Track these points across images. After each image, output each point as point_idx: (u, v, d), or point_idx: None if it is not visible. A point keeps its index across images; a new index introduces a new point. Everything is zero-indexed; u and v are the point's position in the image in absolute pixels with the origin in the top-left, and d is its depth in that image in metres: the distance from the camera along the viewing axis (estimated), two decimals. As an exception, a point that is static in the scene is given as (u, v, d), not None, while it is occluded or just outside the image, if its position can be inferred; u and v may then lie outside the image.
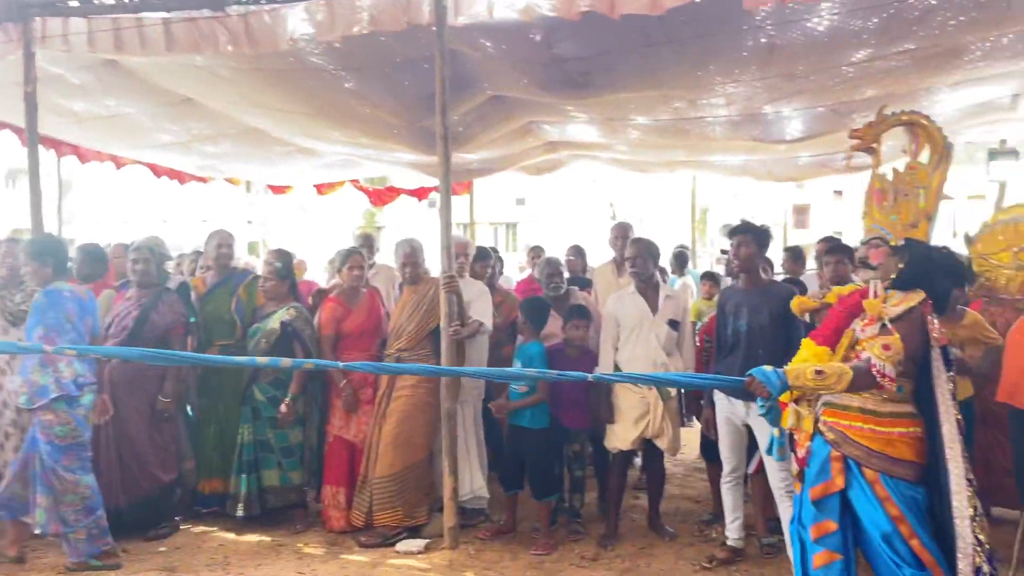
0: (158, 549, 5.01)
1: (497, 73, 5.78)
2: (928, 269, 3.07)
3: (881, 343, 2.92)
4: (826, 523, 3.06)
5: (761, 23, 4.90)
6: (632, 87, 5.86)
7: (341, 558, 4.84)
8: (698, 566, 4.60)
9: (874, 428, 3.01)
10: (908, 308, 3.05)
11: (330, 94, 6.27)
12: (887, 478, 2.97)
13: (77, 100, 6.64)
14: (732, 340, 4.62)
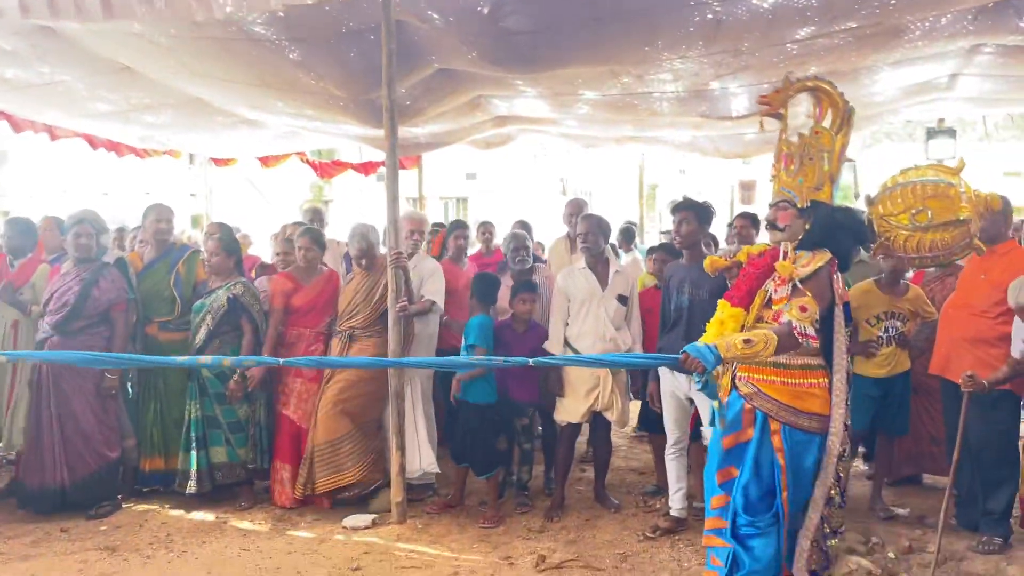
0: (99, 528, 4.99)
1: (445, 46, 5.73)
2: (832, 229, 3.23)
3: (798, 305, 3.03)
4: (730, 469, 3.28)
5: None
6: (580, 61, 5.87)
7: (287, 534, 4.86)
8: (642, 536, 4.70)
9: (785, 380, 3.18)
10: (816, 268, 3.17)
11: (274, 65, 6.16)
12: (787, 429, 3.15)
13: (9, 67, 6.41)
14: (675, 316, 4.70)
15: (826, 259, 3.19)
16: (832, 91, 3.28)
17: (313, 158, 10.72)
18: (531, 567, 4.27)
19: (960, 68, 6.57)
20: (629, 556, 4.43)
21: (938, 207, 3.39)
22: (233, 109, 7.69)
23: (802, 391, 3.18)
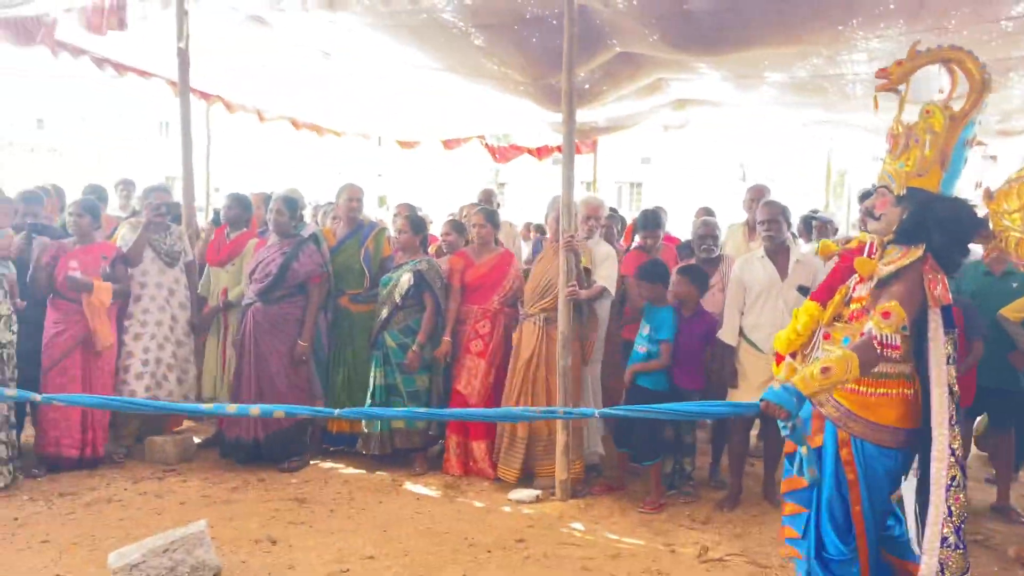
0: (290, 480, 5.28)
1: (626, 29, 5.71)
2: (926, 221, 2.84)
3: (881, 311, 2.74)
4: (798, 480, 3.05)
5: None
6: (767, 42, 5.67)
7: (456, 501, 5.00)
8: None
9: (856, 387, 2.87)
10: (903, 266, 2.84)
11: (461, 51, 6.37)
12: (856, 441, 2.89)
13: (227, 56, 7.01)
14: None
15: (918, 255, 2.83)
16: (970, 61, 2.83)
17: (491, 142, 10.92)
18: (693, 557, 4.18)
19: None
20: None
21: None
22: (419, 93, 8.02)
23: (871, 401, 2.89)
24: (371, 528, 4.49)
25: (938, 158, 2.85)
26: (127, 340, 5.61)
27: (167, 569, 3.66)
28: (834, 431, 2.95)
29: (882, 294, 2.85)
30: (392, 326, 5.52)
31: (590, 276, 5.16)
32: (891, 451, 2.91)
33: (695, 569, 4.05)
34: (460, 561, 4.06)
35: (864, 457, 2.89)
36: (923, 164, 2.87)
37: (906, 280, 2.83)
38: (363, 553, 4.13)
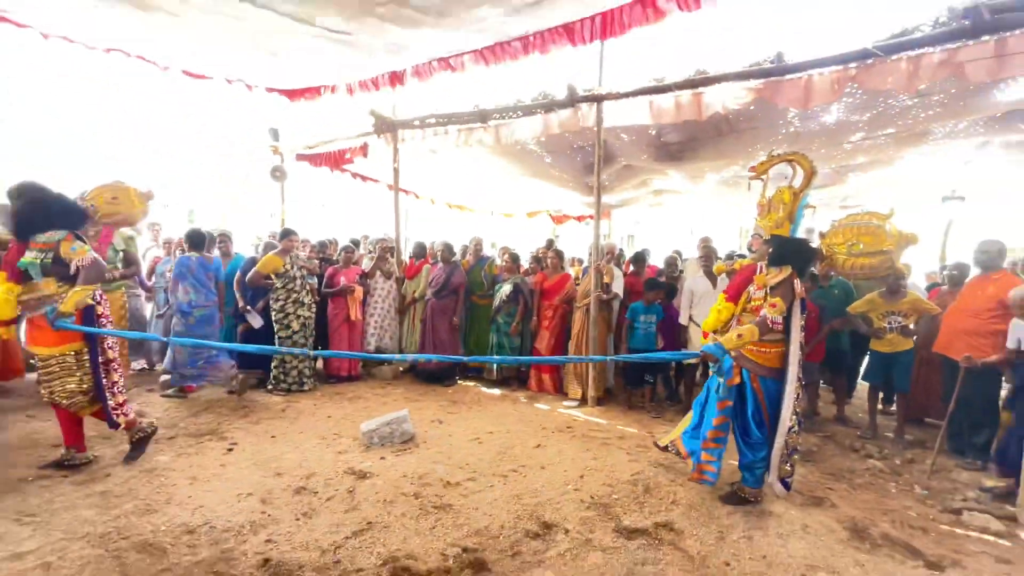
0: (447, 391, 5.45)
1: (628, 152, 5.78)
2: (785, 252, 2.93)
3: (771, 303, 2.85)
4: (726, 401, 3.08)
5: (791, 119, 4.59)
6: (707, 158, 5.64)
7: (534, 405, 5.08)
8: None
9: (759, 350, 2.98)
10: (782, 279, 2.92)
11: (535, 165, 6.54)
12: (760, 378, 3.00)
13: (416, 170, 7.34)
14: None
15: (788, 272, 2.91)
16: (804, 160, 2.91)
17: (553, 213, 11.00)
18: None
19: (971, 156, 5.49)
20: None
21: (869, 241, 3.00)
22: (515, 187, 8.20)
23: (767, 354, 2.97)
24: (490, 417, 4.62)
25: (787, 217, 2.93)
26: (367, 318, 5.86)
27: (388, 433, 3.90)
28: (747, 375, 3.05)
29: (771, 295, 2.93)
30: (501, 312, 5.62)
31: (609, 287, 5.23)
32: (775, 380, 2.99)
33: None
34: (537, 436, 4.16)
35: (765, 385, 3.00)
36: (779, 221, 2.96)
37: (784, 286, 2.91)
38: (486, 430, 4.26)
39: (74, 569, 2.28)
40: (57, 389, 3.07)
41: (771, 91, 3.80)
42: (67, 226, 3.06)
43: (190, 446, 3.69)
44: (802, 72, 3.71)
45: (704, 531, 2.82)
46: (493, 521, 2.83)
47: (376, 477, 3.30)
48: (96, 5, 4.46)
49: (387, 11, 4.27)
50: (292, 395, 5.04)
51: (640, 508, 3.05)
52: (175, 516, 2.73)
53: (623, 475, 3.45)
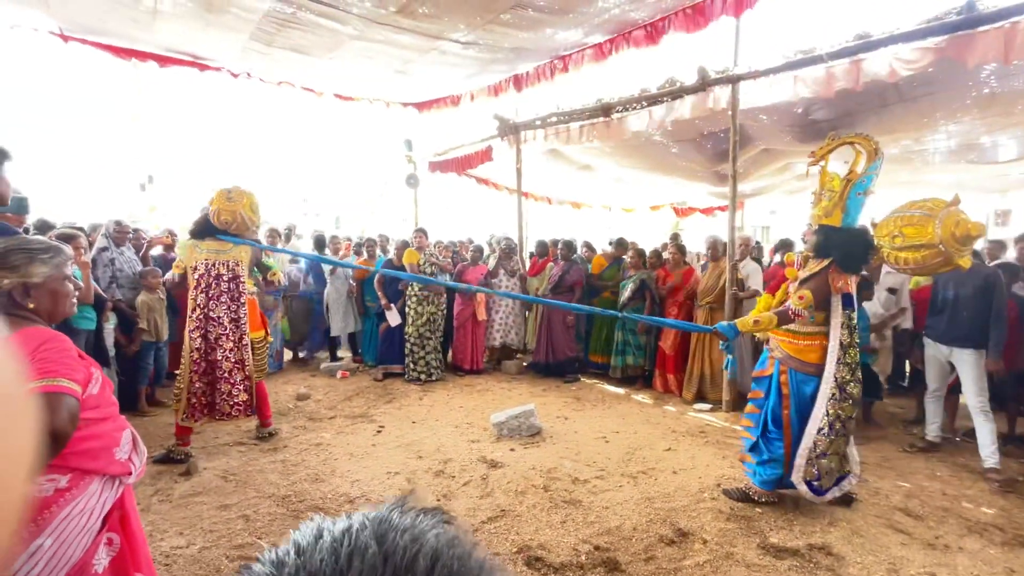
0: (570, 388, 5.42)
1: (768, 134, 5.27)
2: (827, 243, 2.78)
3: (798, 295, 2.74)
4: (757, 392, 3.05)
5: (986, 78, 3.82)
6: (868, 131, 4.92)
7: (662, 407, 4.89)
8: (902, 449, 3.89)
9: (792, 341, 2.89)
10: (816, 271, 2.80)
11: (661, 156, 6.26)
12: (790, 371, 2.88)
13: (536, 171, 7.48)
14: (941, 305, 3.77)
15: (823, 265, 2.78)
16: (866, 143, 2.70)
17: (677, 206, 10.48)
18: (815, 451, 3.82)
19: None
20: (889, 459, 3.70)
21: (911, 233, 2.54)
22: (637, 181, 7.95)
23: (801, 348, 2.85)
24: (615, 416, 4.54)
25: (837, 205, 2.76)
26: (492, 315, 6.07)
27: (516, 426, 4.03)
28: (778, 366, 2.93)
29: (800, 286, 2.81)
30: (627, 308, 5.47)
31: (745, 284, 4.84)
32: (811, 377, 2.84)
33: (817, 459, 3.69)
34: (666, 440, 4.01)
35: (793, 379, 2.87)
36: (827, 209, 2.79)
37: (816, 280, 2.79)
38: (612, 429, 4.16)
39: (264, 523, 2.72)
40: (262, 366, 3.80)
41: (958, 48, 3.19)
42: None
43: (347, 426, 4.18)
44: (1004, 20, 3.06)
45: (871, 560, 2.47)
46: (624, 522, 2.79)
47: (507, 467, 3.43)
48: (268, 51, 5.26)
49: (511, 16, 4.41)
50: (427, 384, 5.44)
51: (789, 526, 2.77)
52: (338, 486, 3.12)
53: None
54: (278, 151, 13.11)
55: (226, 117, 8.92)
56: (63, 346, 1.32)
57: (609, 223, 12.55)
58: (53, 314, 1.39)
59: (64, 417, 1.24)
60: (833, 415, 2.75)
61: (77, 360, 1.35)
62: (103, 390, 1.44)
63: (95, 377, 1.41)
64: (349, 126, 9.04)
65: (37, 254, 1.35)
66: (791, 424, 2.87)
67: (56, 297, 1.38)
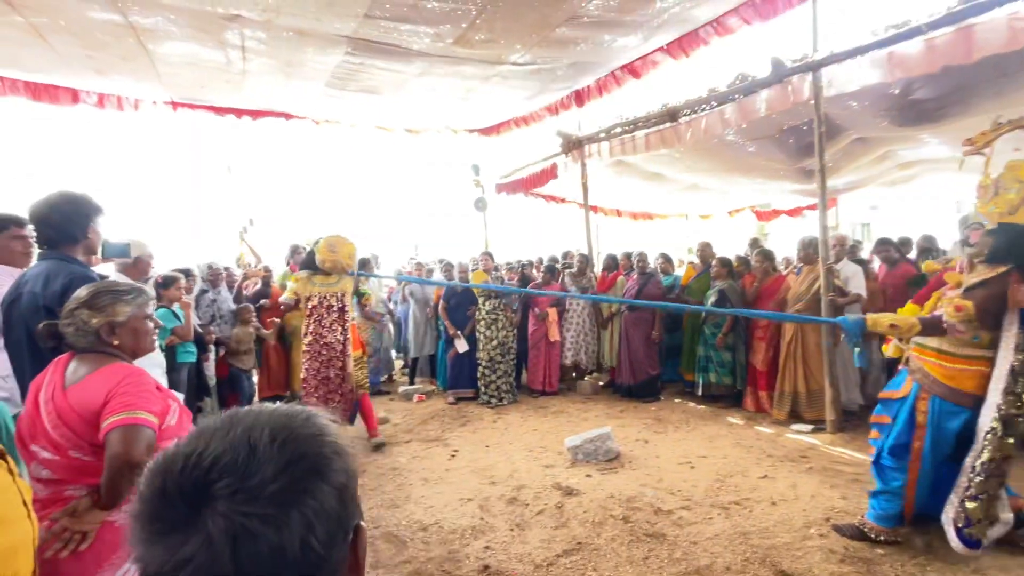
0: (650, 408, 5.17)
1: (860, 121, 4.75)
2: (1013, 247, 2.26)
3: (954, 304, 2.29)
4: (883, 416, 2.63)
5: None
6: (986, 111, 4.22)
7: (755, 428, 4.50)
8: None
9: (942, 363, 2.40)
10: (985, 279, 2.31)
11: (736, 157, 5.87)
12: (933, 398, 2.41)
13: (603, 185, 7.32)
14: None
15: (1000, 271, 2.27)
16: None
17: (759, 208, 9.80)
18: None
19: None
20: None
21: None
22: (709, 184, 7.53)
23: (955, 373, 2.35)
24: (701, 439, 4.24)
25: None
26: (564, 334, 5.93)
27: (592, 450, 3.85)
28: (917, 390, 2.48)
29: (963, 295, 2.35)
30: (708, 321, 5.16)
31: (843, 289, 4.33)
32: (961, 409, 2.36)
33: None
34: (762, 465, 3.64)
35: (937, 412, 2.42)
36: (1012, 205, 2.27)
37: (990, 288, 2.30)
38: (698, 453, 3.92)
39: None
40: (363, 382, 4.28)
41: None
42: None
43: (422, 450, 4.22)
44: None
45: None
46: (716, 560, 2.51)
47: (583, 495, 3.25)
48: (342, 95, 5.64)
49: (567, 29, 4.37)
50: (501, 408, 5.39)
51: (922, 571, 2.34)
52: (412, 513, 3.12)
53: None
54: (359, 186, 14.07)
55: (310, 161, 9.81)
56: (142, 380, 1.41)
57: (687, 232, 12.02)
58: (136, 350, 1.50)
59: (142, 448, 1.31)
60: (991, 453, 2.24)
61: (155, 393, 1.43)
62: (181, 421, 1.51)
63: (172, 409, 1.49)
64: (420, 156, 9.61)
65: (121, 295, 1.46)
66: (922, 458, 2.44)
67: (138, 335, 1.48)
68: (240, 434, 0.46)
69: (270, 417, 0.49)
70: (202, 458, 0.44)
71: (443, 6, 3.81)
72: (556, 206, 8.42)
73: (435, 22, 4.06)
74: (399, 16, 3.93)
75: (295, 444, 0.47)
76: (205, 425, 0.49)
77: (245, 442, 0.45)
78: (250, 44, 4.35)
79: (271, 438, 0.46)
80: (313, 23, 4.01)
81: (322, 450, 0.48)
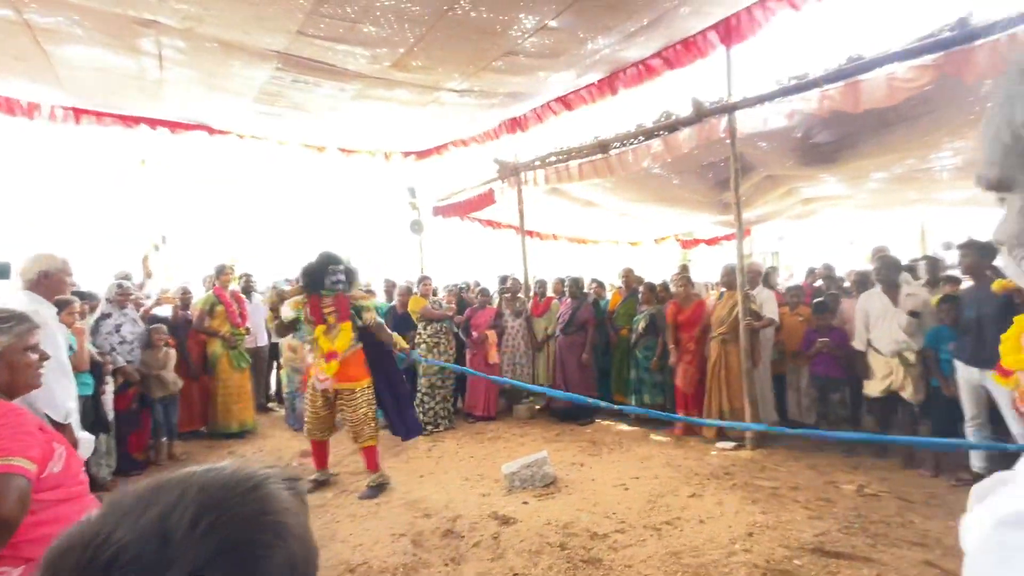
0: (585, 431, 5.21)
1: (769, 160, 5.22)
2: None
3: None
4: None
5: (986, 94, 3.73)
6: (872, 155, 4.83)
7: (683, 447, 4.64)
8: (953, 481, 3.58)
9: None
10: None
11: (661, 188, 6.22)
12: None
13: (538, 210, 7.45)
14: (966, 325, 3.54)
15: None
16: None
17: (681, 237, 10.40)
18: (852, 491, 3.51)
19: None
20: (937, 495, 3.40)
21: None
22: (638, 214, 7.89)
23: None
24: (634, 460, 4.31)
25: None
26: (501, 355, 5.86)
27: (529, 476, 3.81)
28: None
29: None
30: (639, 346, 5.34)
31: (759, 314, 4.65)
32: None
33: (854, 499, 3.39)
34: (691, 484, 3.76)
35: None
36: None
37: None
38: (631, 474, 3.98)
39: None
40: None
41: (955, 64, 3.13)
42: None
43: (351, 483, 3.99)
44: (997, 34, 3.01)
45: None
46: (649, 583, 2.54)
47: (520, 523, 3.20)
48: (271, 111, 5.41)
49: (503, 63, 4.48)
50: (437, 434, 5.24)
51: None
52: (339, 552, 2.91)
53: (804, 535, 2.90)
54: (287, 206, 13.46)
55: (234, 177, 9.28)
56: (19, 420, 1.22)
57: (617, 258, 12.51)
58: (13, 386, 1.31)
59: (12, 500, 1.13)
60: None
61: (35, 435, 1.24)
62: (68, 467, 1.32)
63: (58, 453, 1.30)
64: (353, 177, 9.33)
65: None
66: None
67: (15, 368, 1.30)
68: (155, 516, 0.37)
69: (201, 489, 0.39)
70: (101, 550, 0.35)
71: (380, 32, 3.79)
72: (495, 230, 8.46)
73: (372, 45, 4.02)
74: (335, 36, 3.86)
75: (226, 529, 0.37)
76: (117, 500, 0.39)
77: (158, 529, 0.36)
78: (168, 53, 4.08)
79: (193, 521, 0.37)
80: (240, 36, 3.84)
81: (261, 536, 0.39)
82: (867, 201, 7.25)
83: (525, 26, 3.87)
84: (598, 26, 3.97)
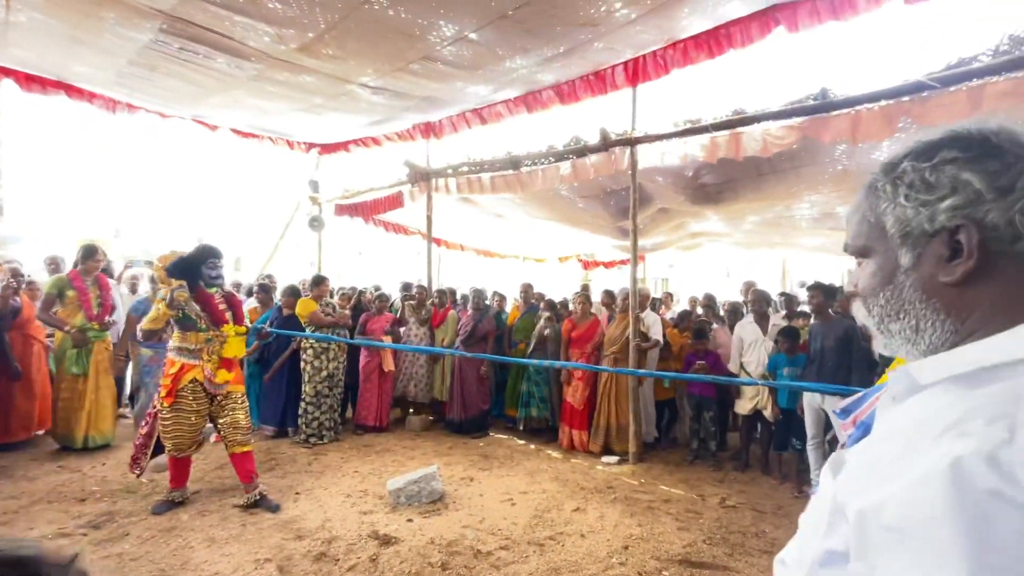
0: (478, 444, 5.16)
1: (664, 194, 5.63)
2: None
3: None
4: None
5: (838, 156, 4.36)
6: (747, 199, 5.42)
7: (571, 461, 4.76)
8: (795, 493, 4.05)
9: None
10: None
11: (568, 210, 6.46)
12: None
13: (447, 219, 7.38)
14: (813, 355, 4.05)
15: None
16: None
17: (584, 258, 10.87)
18: (716, 503, 3.83)
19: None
20: (784, 506, 3.82)
21: None
22: (546, 232, 8.13)
23: None
24: (523, 474, 4.33)
25: None
26: (401, 364, 5.74)
27: (416, 492, 3.66)
28: None
29: None
30: (533, 358, 5.39)
31: (647, 336, 4.95)
32: None
33: (717, 510, 3.69)
34: (575, 498, 3.85)
35: None
36: None
37: None
38: (520, 489, 3.99)
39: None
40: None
41: (816, 128, 3.61)
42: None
43: (213, 503, 3.55)
44: (850, 107, 3.52)
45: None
46: (528, 601, 2.53)
47: (401, 543, 3.05)
48: (152, 78, 4.79)
49: (420, 67, 4.38)
50: (320, 447, 4.89)
51: (696, 589, 2.67)
52: (188, 584, 2.56)
53: (673, 547, 3.08)
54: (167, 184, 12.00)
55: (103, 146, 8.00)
56: None
57: (522, 274, 12.72)
58: None
59: None
60: None
61: None
62: None
63: None
64: (249, 162, 8.55)
65: None
66: None
67: None
68: None
69: None
70: None
71: (287, 10, 3.51)
72: (397, 235, 8.21)
73: (277, 23, 3.72)
74: (233, 6, 3.50)
75: None
76: None
77: None
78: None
79: None
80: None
81: None
82: (742, 240, 8.11)
83: (445, 33, 3.81)
84: (516, 47, 4.03)
